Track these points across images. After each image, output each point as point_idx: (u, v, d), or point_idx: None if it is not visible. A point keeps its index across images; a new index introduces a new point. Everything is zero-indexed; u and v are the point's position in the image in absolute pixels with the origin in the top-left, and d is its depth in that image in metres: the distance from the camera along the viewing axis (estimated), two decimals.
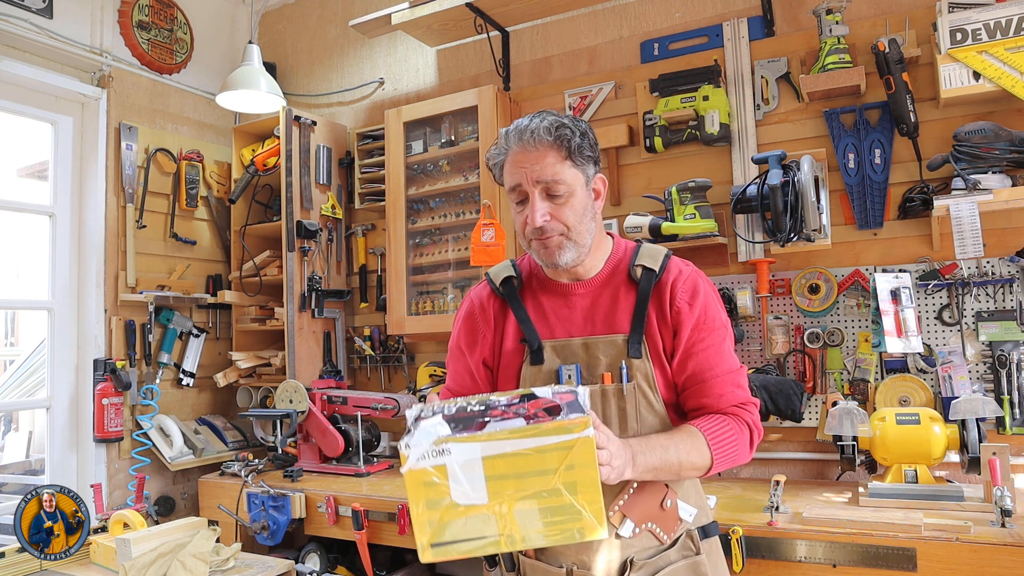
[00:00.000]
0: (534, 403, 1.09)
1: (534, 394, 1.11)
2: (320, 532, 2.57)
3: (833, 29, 2.36)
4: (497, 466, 1.06)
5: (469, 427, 1.08)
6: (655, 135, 2.68)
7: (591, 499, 1.06)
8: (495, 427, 1.07)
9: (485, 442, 1.05)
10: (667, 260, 1.43)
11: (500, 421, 1.08)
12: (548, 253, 1.37)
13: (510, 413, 1.09)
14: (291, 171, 3.13)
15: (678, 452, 1.29)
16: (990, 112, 2.27)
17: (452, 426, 1.08)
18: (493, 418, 1.09)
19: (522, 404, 1.10)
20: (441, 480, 1.06)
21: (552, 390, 1.11)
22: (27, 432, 4.60)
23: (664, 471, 1.29)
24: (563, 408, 1.08)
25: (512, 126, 1.39)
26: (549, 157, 1.33)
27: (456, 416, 1.10)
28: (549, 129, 1.33)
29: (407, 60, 3.40)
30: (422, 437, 1.07)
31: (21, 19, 2.74)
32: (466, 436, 1.06)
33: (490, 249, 2.71)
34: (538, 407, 1.09)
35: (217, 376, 3.29)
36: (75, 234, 3.00)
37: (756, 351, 2.54)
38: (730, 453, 1.35)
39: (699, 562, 1.39)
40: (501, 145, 1.40)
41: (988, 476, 1.84)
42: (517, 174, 1.36)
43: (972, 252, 2.11)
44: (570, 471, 1.05)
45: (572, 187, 1.35)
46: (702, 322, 1.38)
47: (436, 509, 1.07)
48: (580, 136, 1.35)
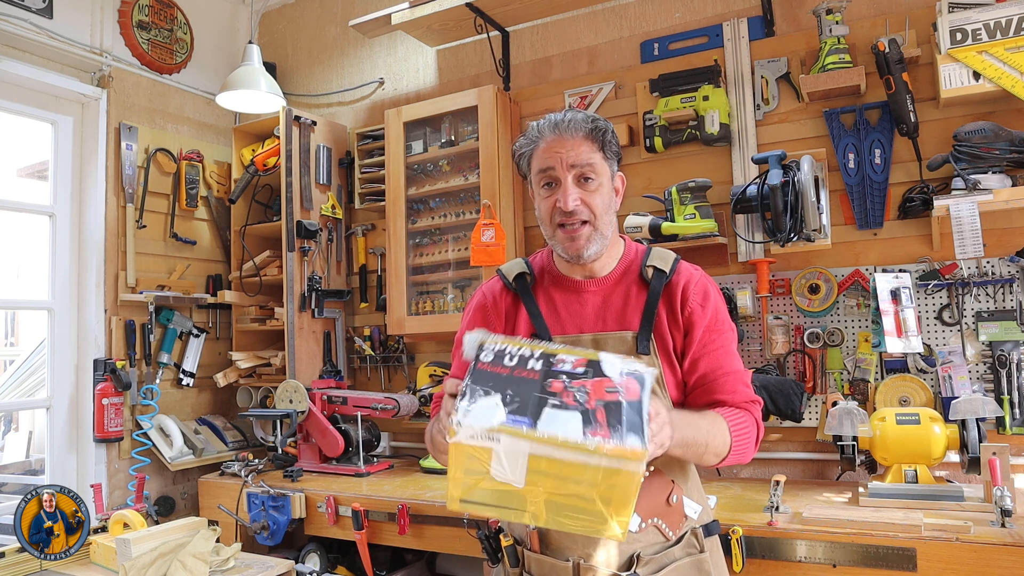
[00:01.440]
0: (597, 385, 1.07)
1: (601, 367, 1.09)
2: (320, 532, 2.57)
3: (833, 29, 2.36)
4: (541, 464, 1.05)
5: (524, 411, 1.05)
6: (655, 135, 2.68)
7: (622, 513, 1.07)
8: (550, 421, 1.04)
9: (536, 443, 1.03)
10: (677, 263, 1.46)
11: (557, 409, 1.05)
12: (575, 245, 1.40)
13: (570, 396, 1.06)
14: (291, 171, 3.13)
15: (707, 434, 1.32)
16: (990, 112, 2.27)
17: (508, 408, 1.06)
18: (551, 396, 1.07)
19: (585, 380, 1.08)
20: (484, 459, 1.06)
21: (620, 368, 1.09)
22: (27, 432, 4.60)
23: (692, 449, 1.30)
24: (624, 410, 1.04)
25: (543, 119, 1.44)
26: (584, 146, 1.39)
27: (515, 377, 1.09)
28: (585, 120, 1.40)
29: (407, 60, 3.40)
30: (476, 418, 1.05)
31: (21, 19, 2.74)
32: (520, 430, 1.04)
33: (490, 249, 2.71)
34: (600, 395, 1.06)
35: (217, 376, 3.29)
36: (75, 234, 3.00)
37: (756, 351, 2.54)
38: (744, 446, 1.38)
39: (703, 559, 1.40)
40: (532, 134, 1.44)
41: (988, 476, 1.84)
42: (550, 158, 1.40)
43: (972, 252, 2.11)
44: (610, 489, 1.05)
45: (601, 177, 1.40)
46: (713, 324, 1.42)
47: (472, 476, 1.08)
48: (611, 133, 1.43)
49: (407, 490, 2.51)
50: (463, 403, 1.07)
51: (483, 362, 1.13)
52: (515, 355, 1.13)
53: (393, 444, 3.29)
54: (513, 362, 1.12)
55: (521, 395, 1.08)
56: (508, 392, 1.08)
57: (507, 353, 1.14)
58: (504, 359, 1.13)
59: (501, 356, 1.14)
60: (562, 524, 1.10)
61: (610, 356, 1.13)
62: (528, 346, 1.15)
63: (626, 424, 1.04)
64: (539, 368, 1.11)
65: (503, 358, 1.13)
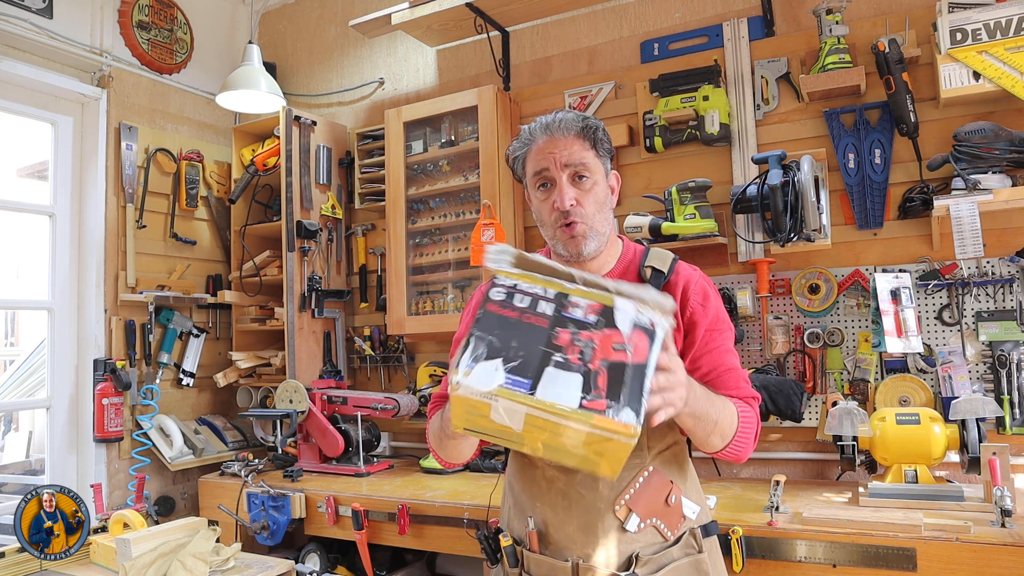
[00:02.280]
0: (605, 340, 1.06)
1: (613, 317, 1.08)
2: (320, 532, 2.57)
3: (833, 29, 2.36)
4: (537, 421, 1.05)
5: (526, 370, 1.05)
6: (655, 135, 2.68)
7: (613, 466, 1.09)
8: (550, 384, 1.03)
9: (532, 407, 1.04)
10: (675, 263, 1.47)
11: (559, 369, 1.04)
12: (574, 243, 1.40)
13: (574, 352, 1.05)
14: (291, 171, 3.13)
15: (720, 411, 1.32)
16: (990, 112, 2.27)
17: (509, 364, 1.05)
18: (556, 351, 1.05)
19: (593, 333, 1.07)
20: (484, 410, 1.07)
21: (634, 318, 1.08)
22: (27, 432, 4.60)
23: (702, 422, 1.30)
24: (627, 375, 1.03)
25: (535, 122, 1.45)
26: (576, 145, 1.40)
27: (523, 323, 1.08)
28: (575, 119, 1.41)
29: (407, 60, 3.40)
30: (475, 381, 1.05)
31: (21, 19, 2.74)
32: (517, 394, 1.04)
33: None
34: (606, 353, 1.05)
35: (217, 376, 3.29)
36: (75, 234, 3.00)
37: (756, 351, 2.54)
38: (746, 437, 1.39)
39: (701, 560, 1.40)
40: (524, 138, 1.46)
41: (988, 476, 1.84)
42: (544, 160, 1.41)
43: (972, 252, 2.11)
44: (601, 452, 1.07)
45: (596, 175, 1.41)
46: (714, 324, 1.42)
47: (473, 416, 1.09)
48: (602, 131, 1.44)
49: (407, 490, 2.51)
50: (465, 357, 1.07)
51: (492, 301, 1.11)
52: (527, 294, 1.11)
53: (393, 444, 3.29)
54: (523, 304, 1.10)
55: (526, 348, 1.07)
56: (512, 344, 1.07)
57: (518, 291, 1.12)
58: (514, 299, 1.11)
59: (512, 295, 1.11)
60: (560, 460, 1.13)
61: (625, 303, 1.10)
62: (542, 283, 1.12)
63: (626, 393, 1.03)
64: (549, 313, 1.09)
65: (513, 297, 1.11)
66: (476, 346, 1.08)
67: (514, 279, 1.13)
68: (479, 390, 1.05)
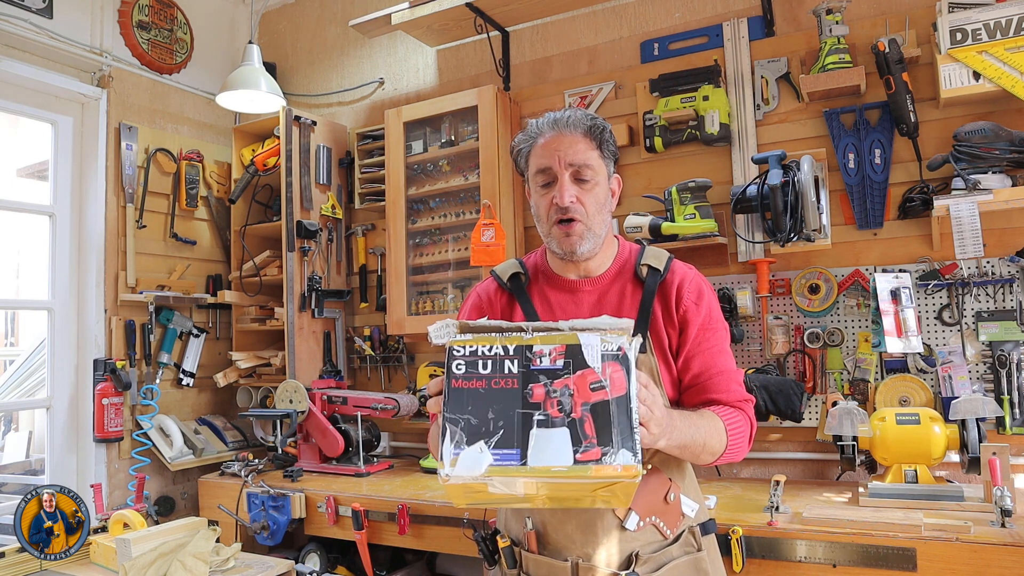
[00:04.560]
0: (580, 382, 1.04)
1: (582, 354, 1.04)
2: (320, 532, 2.57)
3: (833, 29, 2.36)
4: (537, 486, 1.04)
5: (511, 440, 1.02)
6: (655, 135, 2.68)
7: (625, 500, 1.09)
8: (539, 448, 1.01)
9: (528, 477, 1.02)
10: (671, 262, 1.47)
11: (543, 428, 1.02)
12: (569, 241, 1.40)
13: (553, 405, 1.03)
14: (291, 171, 3.13)
15: (706, 434, 1.32)
16: (990, 112, 2.27)
17: (493, 439, 1.02)
18: (535, 409, 1.03)
19: (567, 378, 1.04)
20: (481, 488, 1.05)
21: (601, 350, 1.04)
22: (27, 432, 4.59)
23: (690, 449, 1.30)
24: (612, 413, 1.01)
25: (543, 117, 1.45)
26: (581, 144, 1.40)
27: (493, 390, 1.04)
28: (584, 118, 1.41)
29: (407, 60, 3.40)
30: (463, 469, 1.02)
31: (21, 19, 2.74)
32: (510, 469, 1.02)
33: (490, 249, 2.71)
34: (585, 395, 1.02)
35: (217, 376, 3.28)
36: (75, 234, 3.00)
37: (756, 351, 2.54)
38: (738, 445, 1.39)
39: (700, 558, 1.41)
40: (531, 132, 1.45)
41: (988, 476, 1.84)
42: (548, 157, 1.40)
43: (972, 252, 2.11)
44: (609, 494, 1.06)
45: (598, 175, 1.41)
46: (707, 322, 1.42)
47: (473, 493, 1.08)
48: (608, 132, 1.44)
49: (407, 490, 2.51)
50: (447, 446, 1.04)
51: (456, 376, 1.07)
52: (488, 357, 1.07)
53: (393, 444, 3.29)
54: (488, 369, 1.06)
55: (504, 417, 1.04)
56: (489, 417, 1.04)
57: (480, 356, 1.07)
58: (478, 366, 1.07)
59: (474, 363, 1.07)
60: (571, 507, 1.14)
61: (588, 337, 1.06)
62: (500, 340, 1.08)
63: (616, 433, 1.01)
64: (517, 372, 1.06)
65: (476, 366, 1.07)
66: (453, 432, 1.04)
67: (471, 344, 1.08)
68: (470, 476, 1.02)
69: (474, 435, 1.04)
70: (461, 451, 1.03)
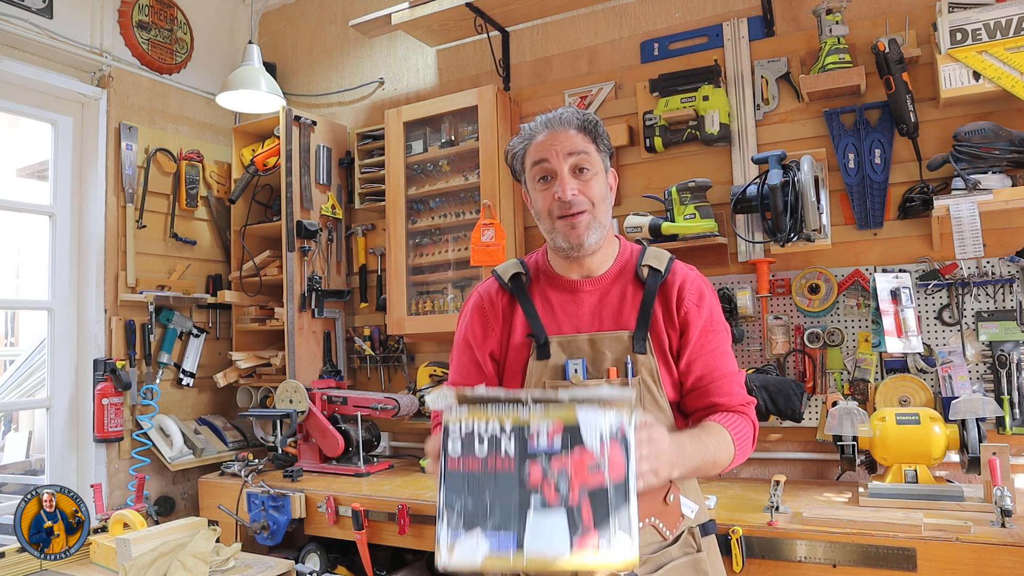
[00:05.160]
0: (579, 465, 1.02)
1: (580, 433, 1.03)
2: (320, 532, 2.57)
3: (833, 29, 2.36)
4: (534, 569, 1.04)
5: (508, 523, 1.02)
6: (655, 135, 2.68)
7: None
8: (536, 534, 1.01)
9: (525, 563, 1.02)
10: (672, 263, 1.46)
11: (540, 514, 1.02)
12: (576, 233, 1.39)
13: (551, 488, 1.02)
14: (291, 171, 3.13)
15: (715, 451, 1.31)
16: (990, 112, 2.27)
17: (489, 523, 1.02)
18: (532, 492, 1.03)
19: (565, 458, 1.03)
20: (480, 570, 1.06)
21: (600, 428, 1.03)
22: (27, 432, 4.59)
23: (702, 470, 1.29)
24: (610, 499, 1.00)
25: (535, 119, 1.46)
26: (577, 137, 1.41)
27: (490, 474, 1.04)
28: (576, 114, 1.43)
29: (407, 60, 3.40)
30: (461, 557, 1.02)
31: (21, 19, 2.74)
32: (507, 557, 1.02)
33: (490, 249, 2.71)
34: (583, 478, 1.01)
35: (217, 376, 3.29)
36: (75, 234, 3.00)
37: (756, 351, 2.54)
38: (744, 451, 1.39)
39: (700, 559, 1.41)
40: (525, 134, 1.46)
41: (988, 476, 1.84)
42: (545, 151, 1.41)
43: (972, 252, 2.11)
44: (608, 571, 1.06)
45: (596, 167, 1.42)
46: (709, 324, 1.42)
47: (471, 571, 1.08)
48: (602, 127, 1.45)
49: (407, 490, 2.51)
50: (444, 530, 1.04)
51: (452, 457, 1.06)
52: (485, 436, 1.06)
53: (393, 444, 3.29)
54: (484, 449, 1.05)
55: (501, 499, 1.04)
56: (486, 500, 1.04)
57: (476, 435, 1.06)
58: (474, 445, 1.06)
59: (470, 442, 1.06)
60: None
61: (587, 414, 1.04)
62: (496, 417, 1.07)
63: (613, 519, 1.00)
64: (513, 452, 1.05)
65: (473, 444, 1.06)
66: (450, 515, 1.04)
67: (468, 420, 1.07)
68: (468, 563, 1.02)
69: (471, 520, 1.04)
70: (459, 537, 1.03)
